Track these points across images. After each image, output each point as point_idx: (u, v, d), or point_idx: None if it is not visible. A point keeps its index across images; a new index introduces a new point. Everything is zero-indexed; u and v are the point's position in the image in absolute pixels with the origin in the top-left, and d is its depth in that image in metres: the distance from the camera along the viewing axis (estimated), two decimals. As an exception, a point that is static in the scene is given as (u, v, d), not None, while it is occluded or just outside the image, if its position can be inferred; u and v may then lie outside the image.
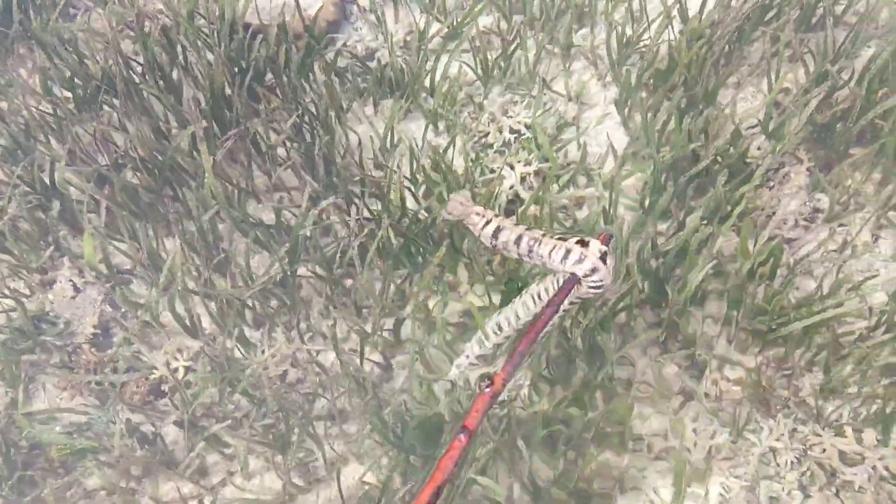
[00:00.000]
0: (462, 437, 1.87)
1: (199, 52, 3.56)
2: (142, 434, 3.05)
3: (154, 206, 3.45)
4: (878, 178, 3.33)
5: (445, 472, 1.82)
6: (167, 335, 3.32)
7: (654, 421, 3.06)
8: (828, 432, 2.89)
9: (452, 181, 3.32)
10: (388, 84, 3.80)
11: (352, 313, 3.26)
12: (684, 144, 3.18)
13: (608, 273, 2.24)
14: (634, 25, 3.71)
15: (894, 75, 3.26)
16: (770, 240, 3.10)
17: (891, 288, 3.00)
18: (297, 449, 3.05)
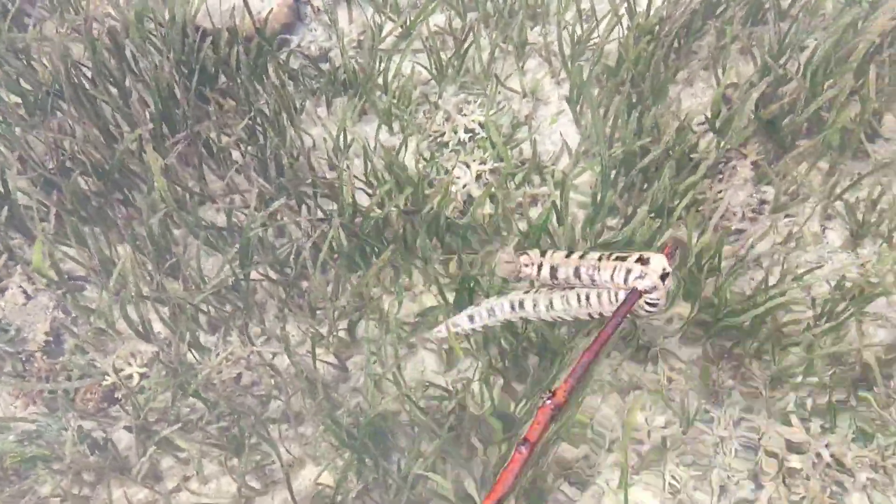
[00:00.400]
0: (523, 450, 1.86)
1: (148, 55, 3.54)
2: (93, 440, 3.04)
3: (104, 210, 3.44)
4: (825, 168, 3.39)
5: (506, 486, 1.83)
6: (121, 340, 3.30)
7: (607, 413, 3.09)
8: (773, 421, 2.94)
9: (404, 181, 3.33)
10: (342, 84, 3.81)
11: (306, 315, 3.27)
12: (631, 141, 3.21)
13: (664, 293, 2.26)
14: (584, 24, 3.73)
15: (838, 66, 3.31)
16: (717, 232, 3.14)
17: (836, 277, 3.04)
18: (253, 452, 3.05)
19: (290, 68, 3.84)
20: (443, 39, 3.94)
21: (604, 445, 3.02)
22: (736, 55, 3.66)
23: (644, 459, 2.96)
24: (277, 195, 3.32)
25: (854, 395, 2.95)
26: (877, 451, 2.84)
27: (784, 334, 3.02)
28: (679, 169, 3.27)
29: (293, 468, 3.09)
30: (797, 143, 3.36)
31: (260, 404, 3.13)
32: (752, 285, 3.15)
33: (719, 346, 3.10)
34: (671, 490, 2.93)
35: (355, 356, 3.28)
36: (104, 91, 3.51)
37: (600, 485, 2.98)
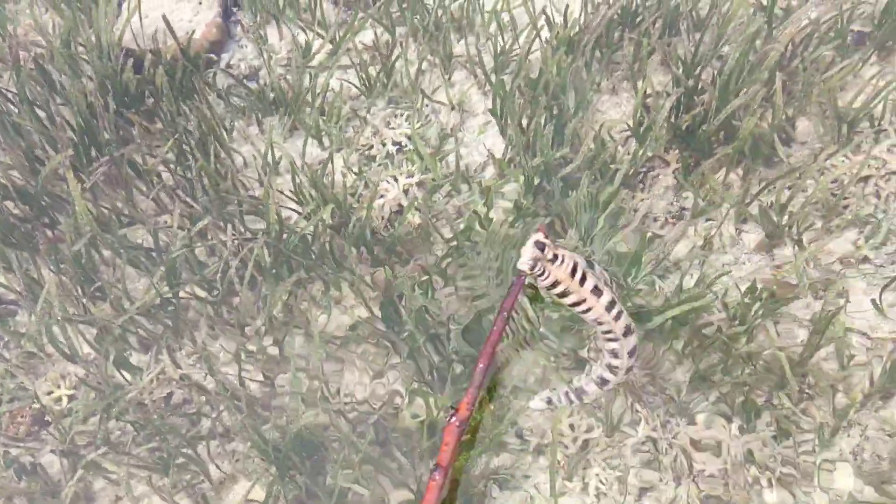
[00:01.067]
0: (437, 476, 1.86)
1: (73, 78, 3.56)
2: (21, 465, 3.05)
3: (30, 234, 3.44)
4: (741, 174, 3.48)
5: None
6: (51, 363, 3.31)
7: (536, 419, 3.14)
8: (683, 422, 3.02)
9: (329, 197, 3.37)
10: (272, 102, 3.84)
11: (236, 332, 3.29)
12: (550, 151, 3.28)
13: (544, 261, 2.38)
14: (505, 36, 3.80)
15: (750, 75, 3.41)
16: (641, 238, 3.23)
17: (749, 281, 3.12)
18: (183, 471, 3.07)
19: (217, 87, 3.87)
20: (372, 55, 3.99)
21: (531, 451, 3.08)
22: (656, 65, 3.75)
23: (571, 463, 3.02)
24: (204, 215, 3.35)
25: (775, 394, 3.03)
26: (792, 449, 2.93)
27: (704, 336, 3.10)
28: (602, 178, 3.35)
29: (224, 484, 3.11)
30: (715, 151, 3.45)
31: (190, 423, 3.14)
32: (666, 290, 3.23)
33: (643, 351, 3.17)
34: (597, 493, 2.99)
35: (286, 372, 3.30)
36: (29, 116, 3.51)
37: (527, 490, 3.04)
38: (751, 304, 3.00)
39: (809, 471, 2.92)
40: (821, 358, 3.02)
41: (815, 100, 3.43)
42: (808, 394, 3.00)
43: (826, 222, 3.26)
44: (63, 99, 3.62)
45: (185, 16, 3.98)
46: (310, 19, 4.07)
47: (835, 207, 3.24)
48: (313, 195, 3.40)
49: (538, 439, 3.08)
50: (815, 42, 3.52)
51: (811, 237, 3.27)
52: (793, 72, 3.51)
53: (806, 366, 2.99)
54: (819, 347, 2.91)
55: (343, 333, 3.33)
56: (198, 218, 3.36)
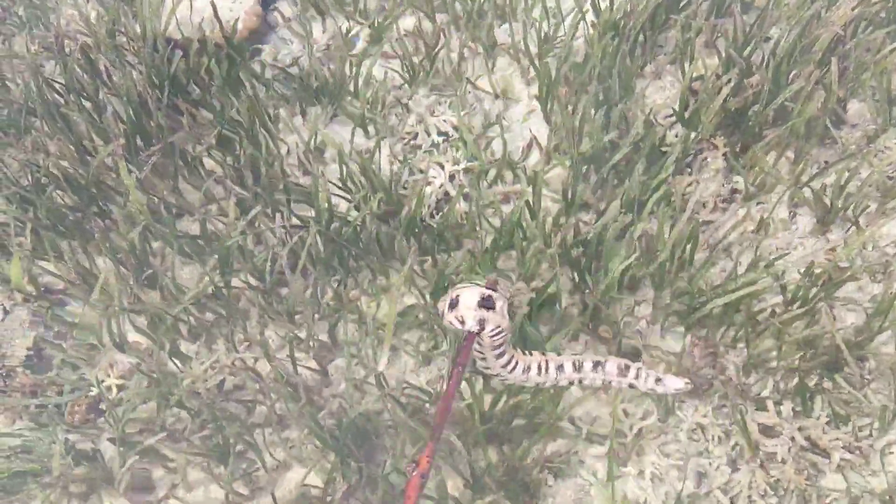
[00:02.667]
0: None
1: (121, 69, 3.56)
2: (80, 452, 3.07)
3: (81, 224, 3.46)
4: (792, 157, 3.45)
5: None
6: (104, 352, 3.32)
7: (588, 405, 3.13)
8: (750, 406, 2.99)
9: (378, 185, 3.36)
10: (315, 91, 3.83)
11: (286, 321, 3.29)
12: (599, 136, 3.26)
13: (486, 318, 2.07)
14: (551, 21, 3.78)
15: (802, 57, 3.37)
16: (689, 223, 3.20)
17: (805, 264, 3.09)
18: (239, 458, 3.08)
19: (262, 76, 3.87)
20: (414, 43, 3.97)
21: (584, 438, 3.07)
22: (701, 48, 3.71)
23: (627, 450, 3.01)
24: (254, 203, 3.35)
25: (829, 379, 3.00)
26: (850, 433, 2.90)
27: (758, 321, 3.07)
28: (650, 163, 3.32)
29: (279, 471, 3.12)
30: (764, 133, 3.42)
31: (245, 410, 3.15)
32: (720, 275, 3.21)
33: (697, 336, 3.15)
34: (654, 479, 2.98)
35: (337, 360, 3.30)
36: (77, 106, 3.52)
37: (586, 478, 3.03)
38: (810, 286, 2.97)
39: (868, 455, 2.90)
40: (880, 342, 3.00)
41: (867, 82, 3.39)
42: (867, 378, 2.97)
43: (881, 205, 3.23)
44: (110, 89, 3.62)
45: (225, 4, 3.96)
46: (351, 8, 4.06)
47: (891, 190, 3.20)
48: (363, 183, 3.39)
49: (589, 426, 3.07)
50: (864, 24, 3.47)
51: (866, 220, 3.23)
52: (844, 54, 3.47)
53: (865, 349, 2.97)
54: (881, 331, 2.88)
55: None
56: (247, 206, 3.35)
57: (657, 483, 2.98)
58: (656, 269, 3.12)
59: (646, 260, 3.18)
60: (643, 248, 3.17)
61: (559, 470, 3.03)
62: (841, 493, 2.85)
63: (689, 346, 3.10)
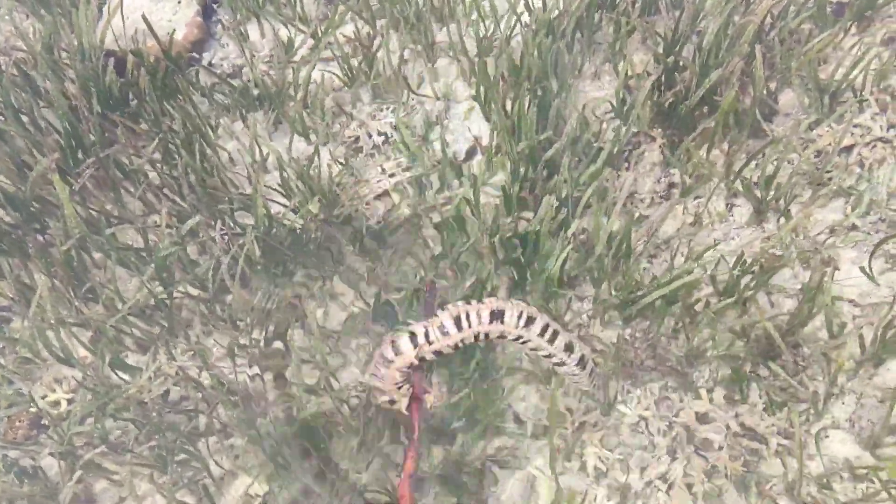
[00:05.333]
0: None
1: (56, 82, 3.56)
2: (22, 469, 3.06)
3: (21, 241, 3.45)
4: (726, 149, 3.50)
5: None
6: (46, 367, 3.32)
7: (531, 401, 3.16)
8: (688, 396, 3.03)
9: (317, 189, 3.38)
10: (256, 98, 3.85)
11: (229, 328, 3.30)
12: (533, 135, 3.29)
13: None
14: (487, 22, 3.81)
15: (728, 49, 3.42)
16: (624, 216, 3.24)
17: (737, 254, 3.14)
18: (183, 468, 3.08)
19: (200, 86, 3.87)
20: (354, 47, 3.99)
21: (530, 434, 3.09)
22: (637, 45, 3.76)
23: (569, 444, 3.04)
24: (193, 213, 3.35)
25: (764, 366, 3.04)
26: (786, 419, 2.94)
27: (695, 312, 3.11)
28: (588, 159, 3.36)
29: (224, 480, 3.12)
30: (697, 126, 3.46)
31: (188, 420, 3.15)
32: (657, 268, 3.25)
33: (637, 328, 3.19)
34: (597, 472, 3.01)
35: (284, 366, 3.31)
36: (14, 122, 3.51)
37: (530, 471, 3.05)
38: (740, 276, 3.02)
39: (804, 440, 2.94)
40: (815, 328, 3.04)
41: (795, 72, 3.44)
42: (801, 365, 3.02)
43: (812, 193, 3.28)
44: (47, 103, 3.62)
45: (165, 15, 3.98)
46: (290, 14, 4.07)
47: (820, 178, 3.26)
48: (300, 188, 3.41)
49: (535, 421, 3.10)
50: (792, 13, 3.53)
51: (798, 209, 3.28)
52: (771, 45, 3.52)
53: (797, 335, 3.01)
54: (811, 317, 2.93)
55: (338, 326, 3.35)
56: (187, 216, 3.36)
57: (600, 475, 3.01)
58: (594, 263, 3.16)
59: (583, 255, 3.21)
60: (580, 244, 3.21)
61: (504, 463, 3.06)
62: (779, 477, 2.89)
63: (629, 337, 3.14)
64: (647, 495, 2.94)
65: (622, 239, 3.14)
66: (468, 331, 2.23)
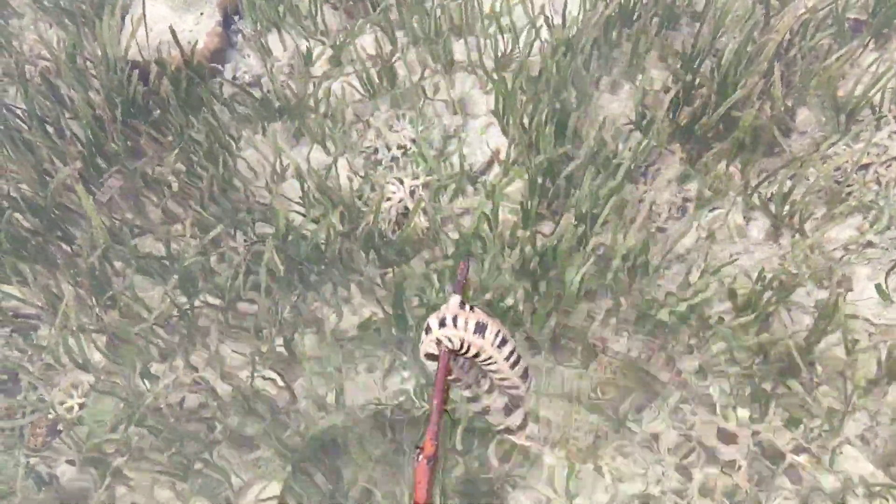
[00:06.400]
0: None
1: (81, 92, 3.60)
2: (38, 475, 3.10)
3: (44, 248, 3.49)
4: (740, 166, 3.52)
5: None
6: (63, 373, 3.36)
7: (548, 412, 3.18)
8: (703, 411, 3.05)
9: (337, 200, 3.41)
10: (276, 110, 3.88)
11: (250, 337, 3.34)
12: (552, 149, 3.32)
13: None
14: (506, 37, 3.84)
15: (747, 67, 3.44)
16: (641, 232, 3.26)
17: (757, 269, 3.15)
18: (202, 476, 3.12)
19: (222, 97, 3.91)
20: (374, 60, 4.03)
21: (545, 444, 3.12)
22: (655, 61, 3.78)
23: (583, 456, 3.05)
24: (216, 223, 3.39)
25: (782, 383, 3.06)
26: (802, 435, 2.96)
27: (710, 327, 3.13)
28: (606, 173, 3.39)
29: (242, 490, 3.15)
30: (713, 144, 3.48)
31: (206, 428, 3.19)
32: (674, 282, 3.27)
33: (652, 342, 3.21)
34: (612, 482, 3.03)
35: (299, 377, 3.34)
36: (38, 130, 3.56)
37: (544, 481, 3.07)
38: (762, 291, 3.03)
39: (819, 455, 2.95)
40: (831, 344, 3.05)
41: (813, 90, 3.46)
42: (816, 382, 3.03)
43: (829, 210, 3.29)
44: (71, 113, 3.67)
45: (186, 26, 4.02)
46: (311, 27, 4.11)
47: (837, 195, 3.27)
48: (319, 199, 3.44)
49: (550, 433, 3.12)
50: (811, 31, 3.55)
51: (814, 226, 3.30)
52: (791, 62, 3.55)
53: (813, 353, 3.03)
54: (825, 334, 2.94)
55: (354, 334, 3.38)
56: (208, 226, 3.40)
57: (613, 487, 3.03)
58: (612, 278, 3.18)
59: (601, 270, 3.24)
60: (598, 259, 3.24)
61: (518, 481, 3.08)
62: (791, 492, 2.91)
63: (646, 351, 3.16)
64: (662, 510, 2.96)
65: (640, 254, 3.16)
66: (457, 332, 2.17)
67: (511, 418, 2.39)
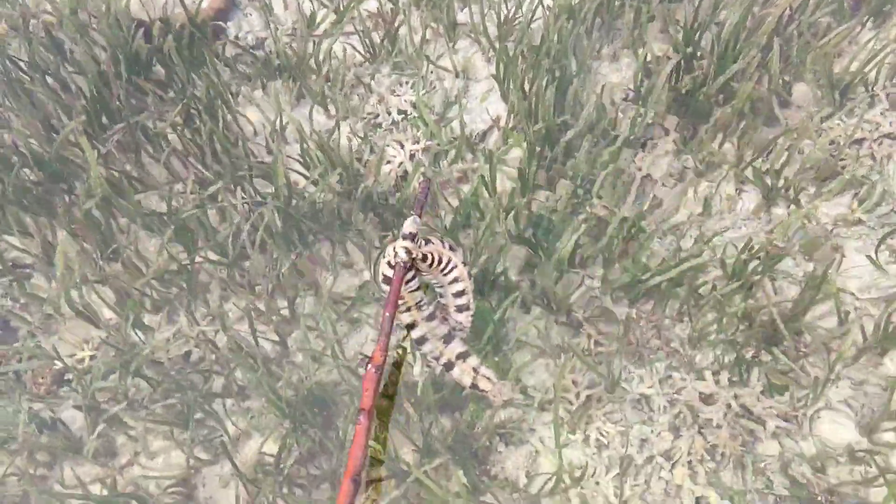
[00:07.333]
0: (361, 419, 1.96)
1: (85, 47, 3.62)
2: (42, 421, 3.16)
3: (47, 200, 3.53)
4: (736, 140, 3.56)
5: (357, 459, 1.89)
6: (65, 322, 3.41)
7: (540, 376, 3.25)
8: (692, 377, 3.13)
9: (337, 161, 3.45)
10: (277, 69, 3.91)
11: (247, 293, 3.39)
12: (550, 117, 3.36)
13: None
14: (510, 4, 3.86)
15: (747, 40, 3.47)
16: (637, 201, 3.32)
17: (744, 240, 3.22)
18: (201, 426, 3.19)
19: (224, 56, 3.93)
20: (376, 22, 4.05)
21: (536, 406, 3.19)
22: (656, 32, 3.81)
23: (574, 418, 3.13)
24: (215, 179, 3.43)
25: (767, 351, 3.13)
26: (787, 403, 3.04)
27: (700, 295, 3.20)
28: (604, 143, 3.44)
29: (239, 439, 3.22)
30: (713, 114, 3.52)
31: (205, 380, 3.25)
32: (666, 252, 3.33)
33: (643, 309, 3.27)
34: (598, 445, 3.11)
35: (295, 332, 3.40)
36: (41, 83, 3.58)
37: (534, 444, 3.15)
38: (748, 261, 3.10)
39: (802, 423, 3.03)
40: (815, 317, 3.13)
41: (810, 65, 3.50)
42: (803, 351, 3.10)
43: (820, 185, 3.35)
44: (74, 67, 3.68)
45: (191, -16, 4.02)
46: (314, -13, 4.13)
47: (830, 170, 3.33)
48: (321, 159, 3.48)
49: (542, 395, 3.19)
50: (811, 7, 3.58)
51: (807, 199, 3.36)
52: (789, 37, 3.58)
53: (800, 322, 3.10)
54: (813, 303, 3.01)
55: (352, 294, 3.44)
56: (209, 183, 3.44)
57: (602, 449, 3.11)
58: (605, 245, 3.24)
59: (595, 237, 3.29)
60: (593, 226, 3.29)
61: (510, 436, 3.15)
62: (774, 458, 2.99)
63: (633, 318, 3.23)
64: (647, 472, 3.04)
65: (634, 222, 3.22)
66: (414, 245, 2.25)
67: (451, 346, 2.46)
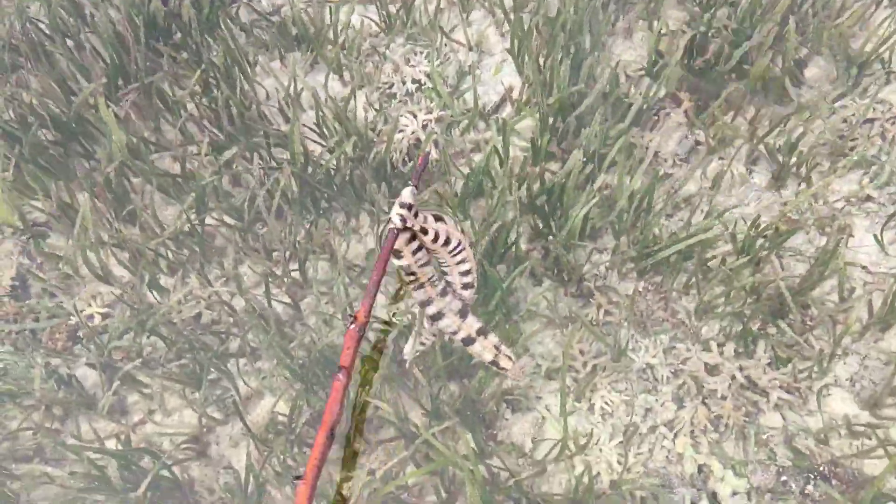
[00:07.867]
0: (340, 377, 2.03)
1: (102, 8, 3.65)
2: (60, 377, 3.23)
3: (64, 161, 3.58)
4: (751, 115, 3.58)
5: (333, 413, 1.96)
6: (84, 283, 3.47)
7: (548, 346, 3.30)
8: (697, 348, 3.17)
9: (352, 130, 3.49)
10: (294, 38, 3.93)
11: (262, 258, 3.44)
12: (565, 89, 3.38)
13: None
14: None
15: (763, 17, 3.48)
16: (648, 173, 3.35)
17: (755, 216, 3.25)
18: (214, 386, 3.25)
19: (241, 22, 3.96)
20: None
21: (543, 374, 3.24)
22: (672, 6, 3.82)
23: (580, 386, 3.18)
24: (230, 144, 3.47)
25: (773, 324, 3.17)
26: (790, 375, 3.08)
27: (709, 269, 3.24)
28: (614, 115, 3.46)
29: (251, 399, 3.28)
30: (727, 85, 3.54)
31: (219, 341, 3.31)
32: (676, 225, 3.36)
33: (651, 282, 3.32)
34: (603, 413, 3.16)
35: (308, 297, 3.46)
36: (61, 45, 3.62)
37: (540, 411, 3.20)
38: (756, 236, 3.13)
39: (806, 395, 3.08)
40: (823, 293, 3.17)
41: (826, 43, 3.51)
42: (809, 325, 3.14)
43: (832, 163, 3.37)
44: (93, 29, 3.72)
45: (208, -51, 4.04)
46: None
47: (841, 148, 3.35)
48: (337, 128, 3.52)
49: (549, 363, 3.24)
50: (828, -16, 3.59)
51: (818, 177, 3.38)
52: (804, 17, 3.59)
53: (807, 297, 3.14)
54: (821, 278, 3.05)
55: (362, 262, 3.48)
56: (224, 147, 3.48)
57: (606, 417, 3.16)
58: (616, 217, 3.27)
59: (606, 209, 3.33)
60: (604, 199, 3.32)
61: (517, 403, 3.21)
62: (778, 430, 3.04)
63: (641, 290, 3.27)
64: (651, 441, 3.10)
65: (645, 195, 3.25)
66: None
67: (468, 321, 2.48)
